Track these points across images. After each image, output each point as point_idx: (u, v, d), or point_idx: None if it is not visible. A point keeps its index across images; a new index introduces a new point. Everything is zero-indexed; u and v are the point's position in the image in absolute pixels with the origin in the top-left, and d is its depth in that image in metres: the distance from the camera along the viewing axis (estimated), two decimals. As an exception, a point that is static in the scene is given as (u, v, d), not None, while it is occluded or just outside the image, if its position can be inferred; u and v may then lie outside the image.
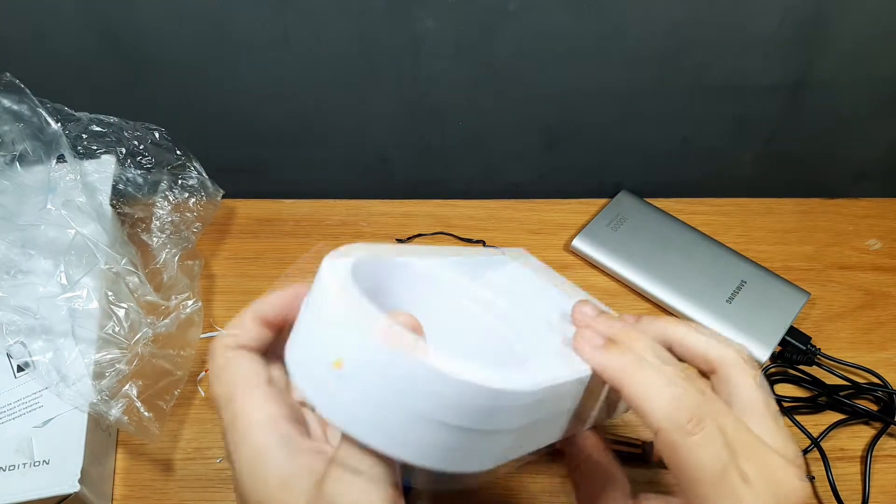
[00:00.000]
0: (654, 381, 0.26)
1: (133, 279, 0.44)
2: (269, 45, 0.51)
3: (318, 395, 0.23)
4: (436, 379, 0.21)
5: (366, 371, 0.22)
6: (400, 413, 0.22)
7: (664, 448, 0.25)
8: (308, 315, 0.25)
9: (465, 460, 0.23)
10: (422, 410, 0.22)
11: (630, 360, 0.26)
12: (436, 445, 0.22)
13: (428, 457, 0.23)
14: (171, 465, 0.44)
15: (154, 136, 0.51)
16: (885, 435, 0.47)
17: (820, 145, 0.61)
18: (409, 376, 0.22)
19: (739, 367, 0.29)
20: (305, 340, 0.25)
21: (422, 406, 0.22)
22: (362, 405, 0.22)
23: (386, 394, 0.22)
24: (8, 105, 0.46)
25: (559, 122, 0.58)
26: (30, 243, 0.44)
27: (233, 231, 0.58)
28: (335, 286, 0.24)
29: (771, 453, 0.26)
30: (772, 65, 0.54)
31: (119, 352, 0.42)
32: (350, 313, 0.23)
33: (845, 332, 0.53)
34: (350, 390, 0.22)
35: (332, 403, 0.23)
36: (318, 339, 0.24)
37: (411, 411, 0.22)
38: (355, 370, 0.22)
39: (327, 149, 0.59)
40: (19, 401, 0.40)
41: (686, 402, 0.25)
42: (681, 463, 0.25)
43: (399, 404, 0.22)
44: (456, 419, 0.22)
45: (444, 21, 0.50)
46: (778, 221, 0.61)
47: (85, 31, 0.49)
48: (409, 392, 0.22)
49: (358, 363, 0.22)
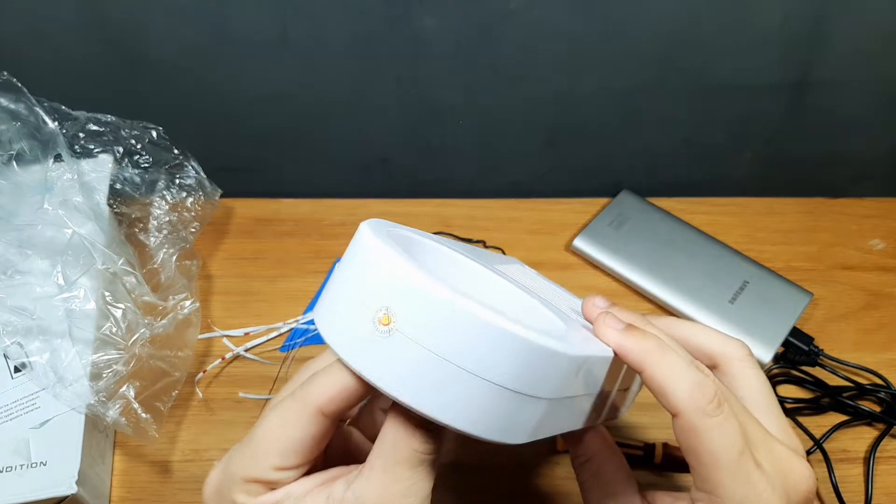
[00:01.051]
0: (677, 363, 0.26)
1: (130, 279, 0.44)
2: (268, 43, 0.51)
3: (361, 358, 0.23)
4: (492, 333, 0.21)
5: (416, 325, 0.22)
6: (449, 371, 0.22)
7: (683, 431, 0.26)
8: (346, 273, 0.24)
9: (505, 427, 0.23)
10: (474, 367, 0.22)
11: (652, 343, 0.27)
12: (481, 408, 0.22)
13: (473, 421, 0.22)
14: (169, 466, 0.44)
15: (151, 136, 0.50)
16: (887, 436, 0.46)
17: (822, 145, 0.60)
18: (464, 330, 0.21)
19: (744, 361, 0.30)
20: (345, 300, 0.24)
21: (474, 363, 0.22)
22: (409, 364, 0.22)
23: (438, 348, 0.22)
24: (5, 104, 0.46)
25: (560, 121, 0.58)
26: (27, 243, 0.44)
27: (231, 231, 0.58)
28: (380, 242, 0.23)
29: (778, 444, 0.27)
30: (774, 64, 0.54)
31: (116, 353, 0.41)
32: (400, 266, 0.22)
33: (848, 333, 0.53)
34: (397, 348, 0.22)
35: (378, 364, 0.22)
36: (361, 296, 0.23)
37: (462, 369, 0.22)
38: (405, 325, 0.22)
39: (327, 148, 0.59)
40: (16, 402, 0.40)
41: (707, 385, 0.26)
42: (700, 446, 0.25)
43: (449, 361, 0.22)
44: (505, 378, 0.22)
45: (444, 20, 0.50)
46: (780, 221, 0.61)
47: (82, 30, 0.49)
48: (462, 348, 0.21)
49: (409, 316, 0.22)
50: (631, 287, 0.55)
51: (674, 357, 0.26)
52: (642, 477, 0.44)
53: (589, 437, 0.30)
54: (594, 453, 0.30)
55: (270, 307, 0.52)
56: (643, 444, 0.44)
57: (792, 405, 0.48)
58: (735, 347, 0.30)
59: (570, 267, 0.57)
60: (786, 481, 0.26)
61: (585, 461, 0.30)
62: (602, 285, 0.56)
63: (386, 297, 0.22)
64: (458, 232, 0.58)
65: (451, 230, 0.58)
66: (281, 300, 0.53)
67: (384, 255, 0.23)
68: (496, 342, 0.22)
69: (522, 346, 0.22)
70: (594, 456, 0.30)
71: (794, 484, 0.27)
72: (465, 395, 0.22)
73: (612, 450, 0.30)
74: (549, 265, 0.57)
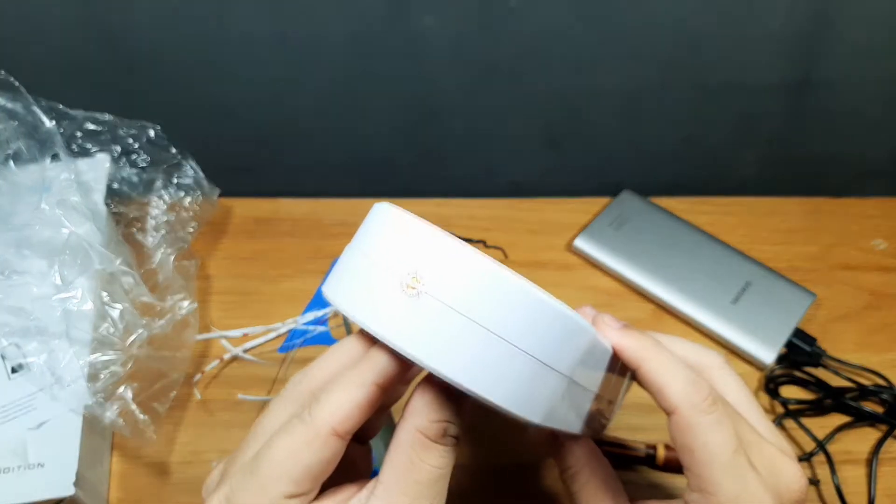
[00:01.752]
0: (672, 360, 0.27)
1: (128, 279, 0.44)
2: (267, 42, 0.50)
3: (387, 324, 0.22)
4: (523, 297, 0.22)
5: (445, 287, 0.22)
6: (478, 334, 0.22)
7: (679, 429, 0.26)
8: (365, 245, 0.24)
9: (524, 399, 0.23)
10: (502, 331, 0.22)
11: (649, 341, 0.28)
12: (505, 374, 0.22)
13: (493, 387, 0.22)
14: (167, 468, 0.43)
15: (149, 135, 0.50)
16: (890, 438, 0.46)
17: (824, 144, 0.60)
18: (495, 293, 0.22)
19: (722, 369, 0.30)
20: (367, 270, 0.24)
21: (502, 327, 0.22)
22: (437, 327, 0.22)
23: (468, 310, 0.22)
24: (2, 103, 0.46)
25: (560, 120, 0.58)
26: (24, 243, 0.44)
27: (229, 231, 0.57)
28: (402, 211, 0.24)
29: (769, 445, 0.28)
30: (775, 63, 0.53)
31: (114, 353, 0.41)
32: (427, 230, 0.23)
33: (851, 334, 0.53)
34: (426, 311, 0.22)
35: (405, 328, 0.22)
36: (386, 263, 0.23)
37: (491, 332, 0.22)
38: (434, 287, 0.22)
39: (326, 148, 0.59)
40: (14, 403, 0.40)
41: (701, 383, 0.26)
42: (695, 442, 0.26)
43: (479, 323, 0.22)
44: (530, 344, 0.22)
45: (444, 20, 0.49)
46: (783, 221, 0.61)
47: (80, 29, 0.49)
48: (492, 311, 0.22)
49: (437, 279, 0.22)
50: (632, 287, 0.55)
51: (668, 355, 0.27)
52: (643, 479, 0.44)
53: (578, 448, 0.30)
54: (583, 465, 0.30)
55: (269, 308, 0.52)
56: (645, 446, 0.44)
57: (795, 406, 0.48)
58: (712, 357, 0.31)
59: (570, 267, 0.57)
60: (778, 482, 0.26)
61: (575, 473, 0.30)
62: (603, 285, 0.56)
63: (413, 261, 0.22)
64: (458, 232, 0.58)
65: (452, 230, 0.57)
66: (279, 300, 0.52)
67: (409, 221, 0.23)
68: (526, 306, 0.22)
69: (551, 313, 0.22)
70: (583, 468, 0.30)
71: (787, 484, 0.27)
72: (490, 359, 0.22)
73: (600, 461, 0.30)
74: (550, 265, 0.57)
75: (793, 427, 0.47)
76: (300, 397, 0.26)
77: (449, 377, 0.22)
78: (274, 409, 0.26)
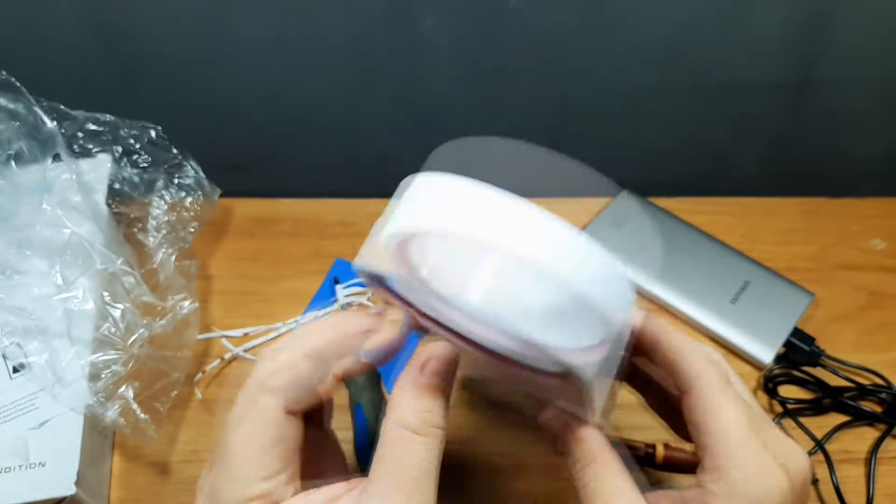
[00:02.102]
0: (690, 340, 0.28)
1: (129, 279, 0.44)
2: (267, 43, 0.50)
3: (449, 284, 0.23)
4: (584, 247, 0.23)
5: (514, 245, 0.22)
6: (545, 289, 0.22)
7: (696, 407, 0.27)
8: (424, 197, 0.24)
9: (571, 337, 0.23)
10: (571, 289, 0.22)
11: (667, 322, 0.29)
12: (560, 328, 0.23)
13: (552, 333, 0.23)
14: (168, 467, 0.44)
15: (150, 135, 0.50)
16: (889, 437, 0.46)
17: (824, 144, 0.60)
18: (562, 247, 0.22)
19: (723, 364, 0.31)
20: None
21: (568, 283, 0.22)
22: (501, 285, 0.22)
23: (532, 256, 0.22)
24: (3, 103, 0.46)
25: (560, 120, 0.58)
26: (25, 243, 0.44)
27: (230, 231, 0.58)
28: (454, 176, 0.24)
29: (776, 427, 0.28)
30: (775, 63, 0.53)
31: (115, 353, 0.41)
32: (488, 188, 0.23)
33: (849, 334, 0.53)
34: (491, 270, 0.22)
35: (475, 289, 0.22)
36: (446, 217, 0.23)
37: (558, 289, 0.22)
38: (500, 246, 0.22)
39: (326, 148, 0.59)
40: (15, 402, 0.40)
41: (717, 362, 0.28)
42: (713, 420, 0.26)
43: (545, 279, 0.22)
44: (593, 297, 0.23)
45: (444, 19, 0.49)
46: (782, 221, 0.61)
47: (81, 30, 0.49)
48: (558, 269, 0.22)
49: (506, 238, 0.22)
50: (631, 287, 0.55)
51: (686, 336, 0.29)
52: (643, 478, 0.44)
53: (590, 439, 0.30)
54: (595, 456, 0.30)
55: (269, 307, 0.52)
56: (644, 445, 0.44)
57: (794, 406, 0.48)
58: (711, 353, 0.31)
59: (570, 267, 0.57)
60: (787, 461, 0.27)
61: (586, 465, 0.30)
62: (602, 285, 0.56)
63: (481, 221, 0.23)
64: (458, 232, 0.58)
65: (451, 230, 0.57)
66: (280, 300, 0.52)
67: (467, 183, 0.23)
68: (584, 254, 0.23)
69: (602, 259, 0.23)
70: (595, 459, 0.30)
71: (795, 466, 0.27)
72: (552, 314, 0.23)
73: (612, 453, 0.30)
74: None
75: (791, 426, 0.47)
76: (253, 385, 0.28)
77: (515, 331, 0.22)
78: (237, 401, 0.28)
